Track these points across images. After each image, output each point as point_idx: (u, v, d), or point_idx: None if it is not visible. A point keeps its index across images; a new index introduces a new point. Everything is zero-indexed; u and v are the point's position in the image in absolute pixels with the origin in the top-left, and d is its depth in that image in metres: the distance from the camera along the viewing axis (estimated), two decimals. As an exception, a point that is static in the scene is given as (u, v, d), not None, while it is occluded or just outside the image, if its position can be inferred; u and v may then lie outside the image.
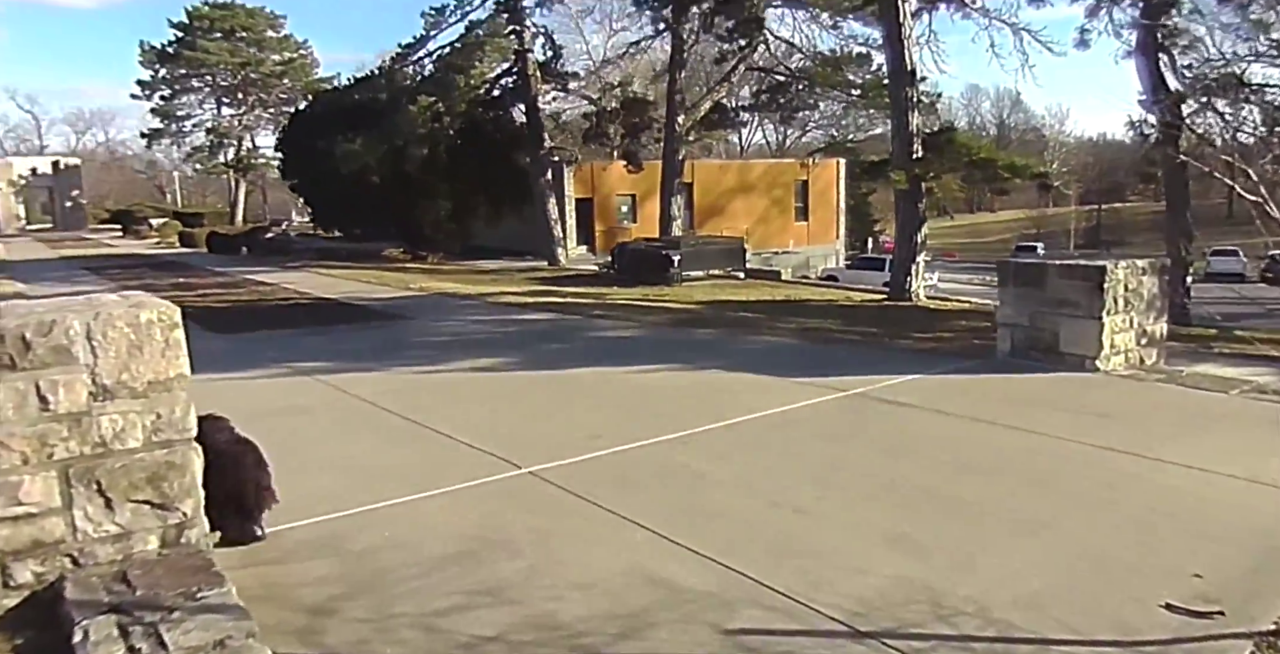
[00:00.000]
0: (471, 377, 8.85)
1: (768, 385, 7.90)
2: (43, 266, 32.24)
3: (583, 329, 12.37)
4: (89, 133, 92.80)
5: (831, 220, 45.66)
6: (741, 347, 10.40)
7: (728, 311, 14.81)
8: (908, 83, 18.20)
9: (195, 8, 54.77)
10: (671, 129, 25.91)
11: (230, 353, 11.12)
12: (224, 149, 59.93)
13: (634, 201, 37.53)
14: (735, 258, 24.07)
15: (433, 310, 15.35)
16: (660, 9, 23.80)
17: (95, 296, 3.82)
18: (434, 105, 24.75)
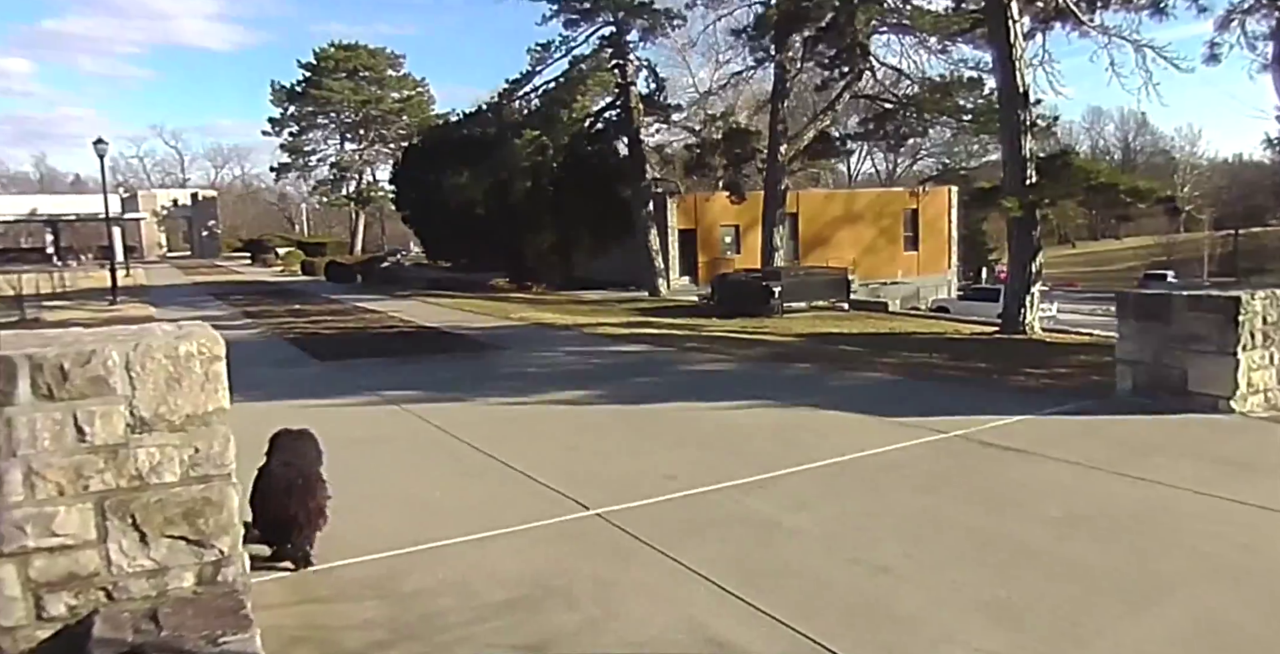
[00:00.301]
0: (554, 410, 8.67)
1: (860, 425, 7.44)
2: (175, 291, 34.17)
3: (674, 362, 12.11)
4: (226, 167, 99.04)
5: (943, 250, 44.23)
6: (837, 383, 9.92)
7: (827, 345, 14.29)
8: (1020, 106, 17.40)
9: (322, 49, 57.81)
10: (774, 159, 25.57)
11: (327, 379, 11.34)
12: (346, 182, 62.66)
13: (737, 232, 37.20)
14: (839, 289, 23.44)
15: (528, 341, 15.37)
16: (760, 38, 23.60)
17: (149, 327, 3.78)
18: (538, 139, 25.17)
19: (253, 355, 14.21)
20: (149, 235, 73.82)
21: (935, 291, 41.39)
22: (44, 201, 69.45)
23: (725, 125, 27.82)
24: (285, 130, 61.34)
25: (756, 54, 24.26)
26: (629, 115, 27.58)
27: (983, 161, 55.63)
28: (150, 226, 73.65)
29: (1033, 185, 16.91)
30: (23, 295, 22.66)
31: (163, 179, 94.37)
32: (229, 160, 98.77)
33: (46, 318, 22.27)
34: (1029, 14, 18.89)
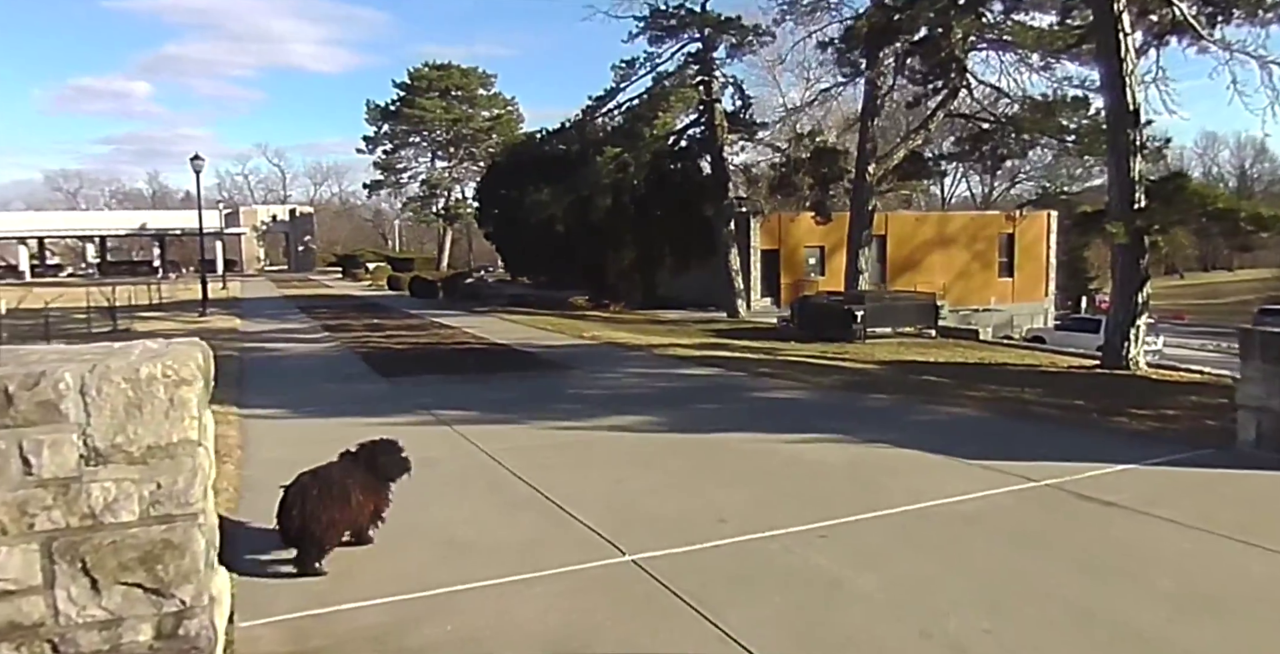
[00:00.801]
0: (608, 436, 8.18)
1: (940, 468, 6.71)
2: (264, 304, 35.03)
3: (743, 388, 11.49)
4: (325, 184, 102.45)
5: (1040, 276, 42.37)
6: (917, 418, 9.15)
7: (910, 374, 13.46)
8: (1130, 125, 16.28)
9: (416, 69, 59.12)
10: (861, 179, 24.73)
11: (388, 396, 11.11)
12: (435, 199, 63.80)
13: (822, 254, 36.28)
14: (926, 315, 22.40)
15: (597, 361, 14.96)
16: (849, 53, 22.85)
17: (131, 344, 3.43)
18: (620, 155, 24.88)
19: (322, 370, 14.21)
20: (248, 249, 76.61)
21: (1030, 320, 39.62)
22: (153, 217, 72.88)
23: (812, 144, 27.07)
24: (379, 148, 62.88)
25: (845, 69, 23.49)
26: (713, 133, 27.10)
27: (1085, 186, 53.39)
28: (250, 241, 76.45)
29: (1141, 210, 15.76)
30: (115, 307, 23.29)
31: (265, 195, 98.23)
32: (328, 177, 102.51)
33: (136, 328, 22.91)
34: (1141, 28, 17.74)
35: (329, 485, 4.65)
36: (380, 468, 4.96)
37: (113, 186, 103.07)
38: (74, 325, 23.73)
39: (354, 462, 4.95)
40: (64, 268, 77.12)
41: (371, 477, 4.91)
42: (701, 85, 26.43)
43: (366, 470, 4.91)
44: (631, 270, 30.53)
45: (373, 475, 4.92)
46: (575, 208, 26.53)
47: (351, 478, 4.78)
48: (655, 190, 28.31)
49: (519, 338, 19.12)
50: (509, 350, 16.84)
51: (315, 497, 4.58)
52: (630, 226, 28.78)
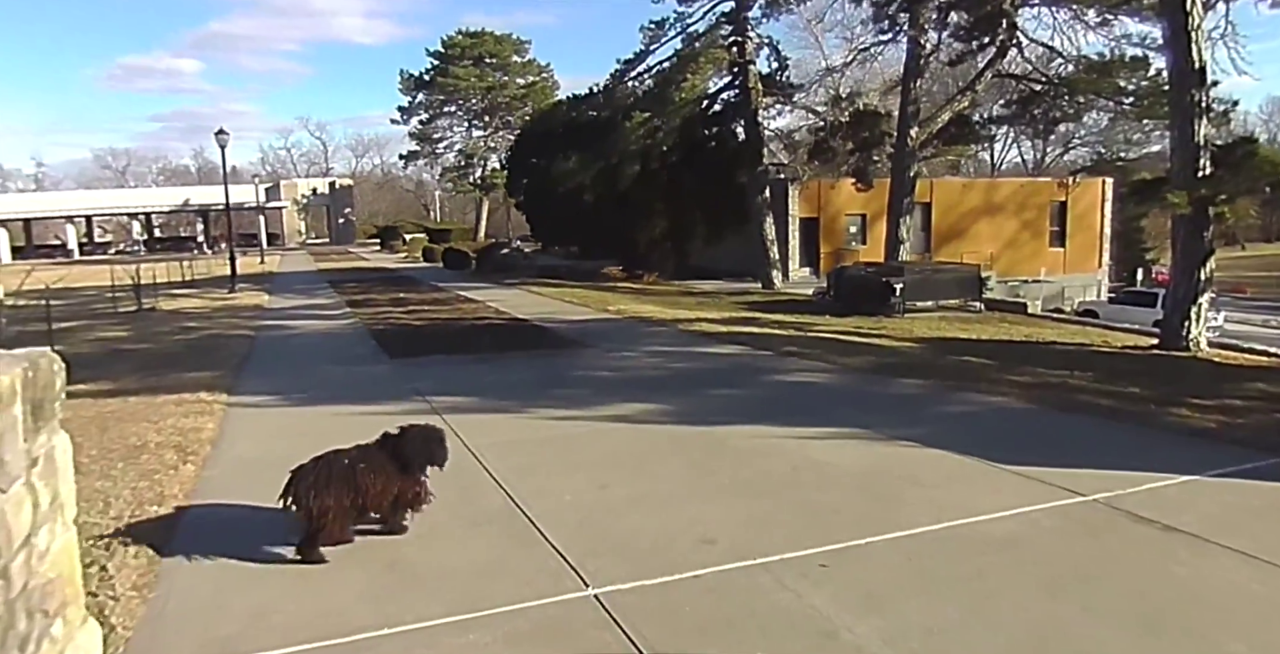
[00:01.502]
0: (608, 429, 7.46)
1: (972, 475, 5.88)
2: (297, 278, 34.85)
3: (766, 370, 10.69)
4: (366, 156, 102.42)
5: (1093, 247, 40.63)
6: (950, 408, 8.28)
7: (948, 354, 12.53)
8: (1195, 85, 14.97)
9: (450, 37, 58.32)
10: (903, 143, 23.51)
11: (387, 380, 10.53)
12: (472, 169, 63.24)
13: (864, 222, 35.02)
14: (970, 287, 21.27)
15: (616, 337, 14.25)
16: (886, 6, 21.51)
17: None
18: (648, 121, 23.90)
19: (329, 351, 13.70)
20: (289, 223, 76.95)
21: (1082, 292, 38.03)
22: (196, 193, 73.30)
23: (852, 106, 25.83)
24: (414, 118, 62.38)
25: (880, 22, 22.11)
26: (747, 96, 25.96)
27: (1143, 152, 50.95)
28: (291, 214, 76.74)
29: (1206, 178, 14.51)
30: (140, 285, 23.05)
31: (308, 169, 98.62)
32: (369, 149, 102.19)
33: (162, 307, 22.69)
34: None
35: (330, 469, 4.59)
36: (403, 455, 4.82)
37: (160, 164, 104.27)
38: (103, 305, 23.62)
39: (379, 446, 4.88)
40: (112, 245, 78.32)
41: (393, 462, 4.77)
42: (734, 46, 25.25)
43: (390, 456, 4.79)
44: (664, 240, 29.65)
45: (395, 461, 4.79)
46: (603, 176, 25.67)
47: (365, 463, 4.68)
48: (688, 157, 27.32)
49: (541, 312, 18.47)
50: (527, 326, 16.20)
51: (313, 481, 4.53)
52: (662, 195, 27.87)
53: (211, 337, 16.11)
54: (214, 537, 5.05)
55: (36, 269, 37.50)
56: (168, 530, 5.18)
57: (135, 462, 6.86)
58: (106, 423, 8.53)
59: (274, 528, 5.05)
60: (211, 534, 5.10)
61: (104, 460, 6.98)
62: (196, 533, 5.14)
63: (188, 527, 5.27)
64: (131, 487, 6.15)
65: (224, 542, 4.95)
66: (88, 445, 7.55)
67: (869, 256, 31.36)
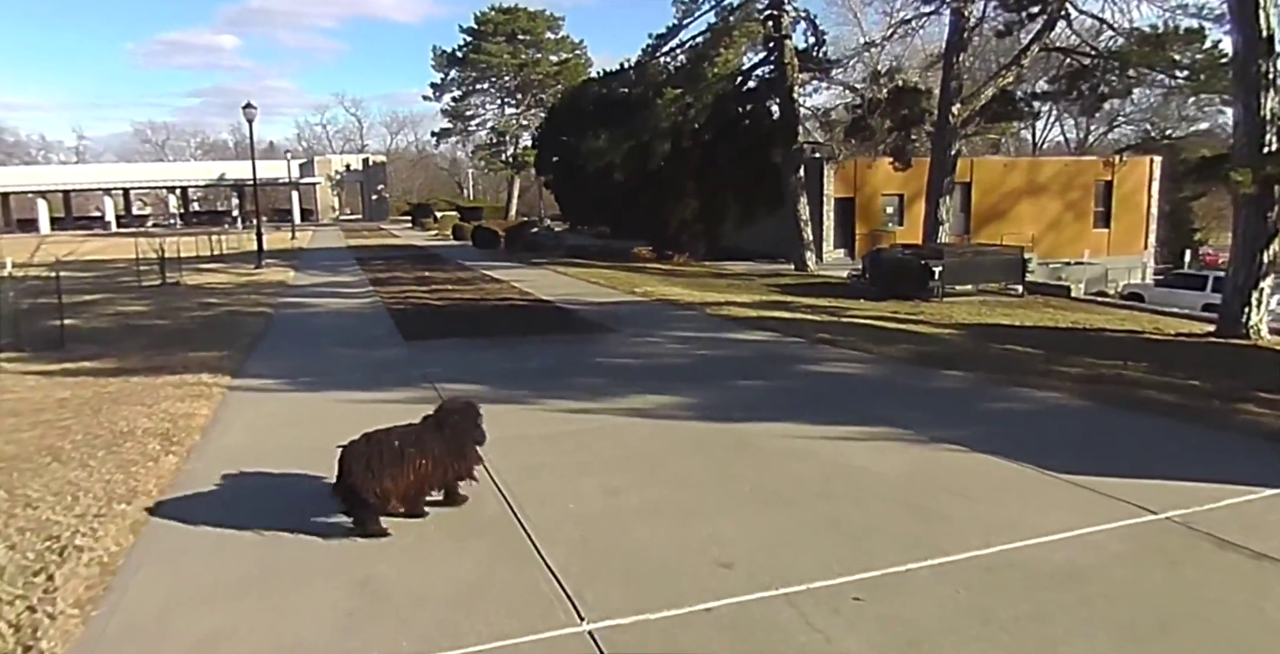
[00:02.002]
0: (624, 424, 6.90)
1: (1024, 485, 5.25)
2: (326, 255, 34.64)
3: (796, 359, 10.06)
4: (401, 133, 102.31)
5: (1139, 228, 39.30)
6: (996, 405, 7.61)
7: (991, 343, 11.81)
8: (1261, 55, 14.01)
9: (482, 13, 57.53)
10: (944, 120, 22.56)
11: (398, 364, 10.07)
12: (504, 147, 62.61)
13: (901, 202, 34.03)
14: (1012, 270, 20.41)
15: (641, 321, 13.68)
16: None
17: None
18: (680, 98, 23.12)
19: (345, 331, 13.29)
20: (323, 199, 77.14)
21: (1127, 275, 36.76)
22: (231, 167, 73.53)
23: (891, 82, 24.84)
24: (447, 95, 61.83)
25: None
26: (782, 72, 25.06)
27: (1191, 129, 49.16)
28: (324, 190, 76.89)
29: (1273, 154, 13.58)
30: (165, 258, 22.84)
31: (343, 145, 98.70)
32: (404, 127, 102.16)
33: (186, 282, 22.50)
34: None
35: (382, 450, 4.60)
36: (448, 435, 4.85)
37: (198, 138, 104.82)
38: (130, 278, 23.48)
39: (425, 427, 4.91)
40: (149, 218, 79.08)
41: (440, 443, 4.80)
42: (770, 20, 24.32)
43: (436, 436, 4.82)
44: (695, 220, 28.92)
45: (442, 442, 4.81)
46: (634, 154, 24.94)
47: (415, 446, 4.69)
48: (720, 135, 26.52)
49: (566, 294, 17.95)
50: (550, 308, 15.68)
51: (367, 464, 4.53)
52: (693, 174, 27.12)
53: (229, 313, 15.80)
54: (176, 544, 4.60)
55: (56, 241, 37.72)
56: (130, 533, 4.73)
57: (117, 450, 6.44)
58: (101, 405, 8.16)
59: (239, 537, 4.59)
60: (174, 541, 4.64)
61: (87, 447, 6.58)
62: (159, 538, 4.69)
63: (152, 530, 4.81)
64: (106, 480, 5.72)
65: (185, 551, 4.49)
66: (75, 430, 7.18)
67: (906, 238, 30.44)
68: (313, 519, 4.77)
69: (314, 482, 5.38)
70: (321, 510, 4.79)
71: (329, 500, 4.71)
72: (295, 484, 5.46)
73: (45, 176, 71.39)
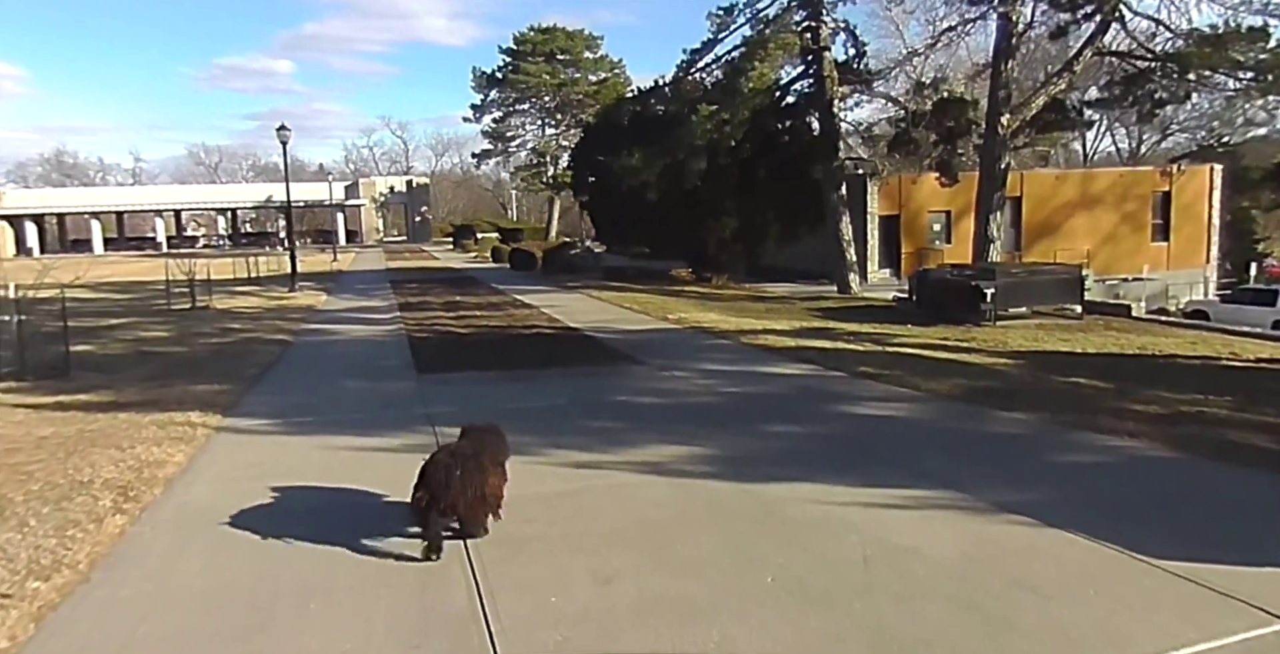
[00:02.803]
0: (634, 483, 6.05)
1: (1113, 575, 4.25)
2: (362, 278, 34.40)
3: (835, 397, 9.11)
4: (446, 155, 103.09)
5: (1200, 240, 37.61)
6: (1067, 457, 6.59)
7: (1052, 374, 10.75)
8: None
9: (521, 34, 57.48)
10: (993, 132, 21.45)
11: (403, 401, 9.36)
12: (545, 167, 62.37)
13: (948, 219, 32.83)
14: (1070, 291, 19.17)
15: (671, 351, 12.83)
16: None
17: None
18: (716, 114, 22.31)
19: (359, 361, 12.65)
20: (367, 220, 77.70)
21: (1188, 290, 35.07)
22: (279, 189, 74.33)
23: (936, 94, 23.79)
24: (487, 117, 61.79)
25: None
26: (821, 86, 24.15)
27: (1249, 135, 47.07)
28: (369, 212, 77.44)
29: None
30: (195, 282, 22.56)
31: (389, 167, 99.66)
32: (449, 148, 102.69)
33: (215, 306, 22.19)
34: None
35: (465, 465, 4.72)
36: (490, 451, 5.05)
37: (250, 161, 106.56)
38: (163, 301, 23.22)
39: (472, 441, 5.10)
40: (199, 239, 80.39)
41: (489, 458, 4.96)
42: (808, 32, 23.45)
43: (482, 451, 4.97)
44: (734, 240, 28.01)
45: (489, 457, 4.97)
46: (670, 172, 24.16)
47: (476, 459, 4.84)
48: (759, 152, 25.65)
49: (596, 320, 17.17)
50: (577, 337, 14.91)
51: (455, 481, 4.62)
52: (732, 192, 26.27)
53: (247, 341, 15.29)
54: (78, 642, 3.84)
55: (109, 261, 38.00)
56: (31, 622, 4.01)
57: (66, 506, 5.78)
58: (77, 446, 7.54)
59: (154, 640, 3.81)
60: (79, 637, 3.88)
61: (37, 500, 5.95)
62: (62, 633, 3.94)
63: (58, 622, 4.06)
64: (36, 545, 5.04)
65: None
66: (37, 476, 6.57)
67: (954, 256, 29.25)
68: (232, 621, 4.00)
69: (262, 563, 4.62)
70: (249, 606, 4.01)
71: (261, 593, 3.93)
72: (242, 565, 4.70)
73: (98, 198, 72.96)
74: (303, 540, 5.00)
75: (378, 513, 5.52)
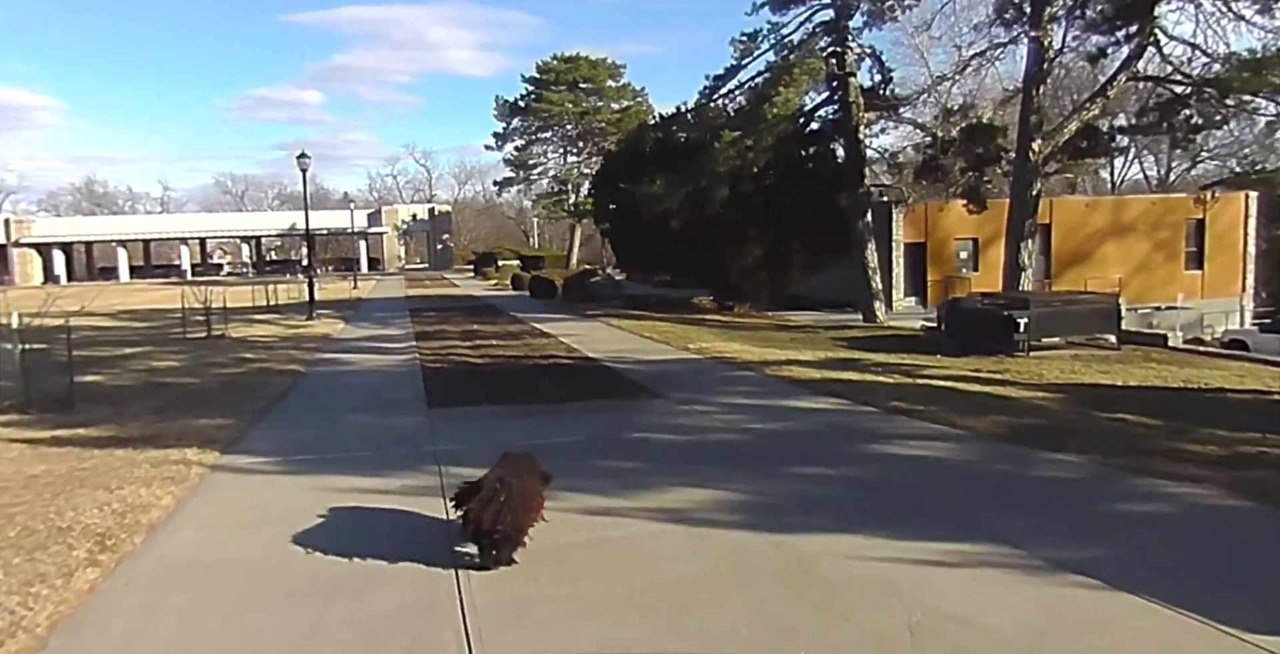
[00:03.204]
0: (652, 533, 5.54)
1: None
2: (381, 305, 34.21)
3: (868, 436, 8.55)
4: (468, 183, 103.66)
5: (1235, 268, 36.74)
6: (1127, 507, 6.01)
7: (1097, 410, 10.13)
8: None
9: (544, 62, 57.70)
10: (1024, 158, 20.91)
11: (410, 438, 8.94)
12: (566, 195, 62.33)
13: (975, 247, 32.24)
14: (1106, 321, 18.51)
15: (692, 384, 12.33)
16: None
17: None
18: (739, 140, 21.95)
19: (370, 394, 12.22)
20: (389, 248, 78.04)
21: (1224, 320, 34.19)
22: (302, 217, 74.98)
23: (964, 120, 23.32)
24: (509, 145, 61.96)
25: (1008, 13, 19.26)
26: (847, 112, 23.76)
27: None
28: (391, 240, 77.79)
29: None
30: (211, 310, 22.36)
31: (413, 195, 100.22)
32: (471, 176, 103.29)
33: (231, 334, 21.94)
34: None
35: (510, 490, 4.86)
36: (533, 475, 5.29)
37: (275, 189, 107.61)
38: (181, 329, 23.01)
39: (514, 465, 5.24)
40: (224, 267, 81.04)
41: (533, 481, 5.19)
42: (833, 57, 23.10)
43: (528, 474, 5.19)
44: (757, 268, 27.51)
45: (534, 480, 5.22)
46: (693, 200, 23.78)
47: (522, 482, 5.01)
48: (783, 179, 25.24)
49: (616, 350, 16.71)
50: (596, 368, 14.45)
51: (505, 500, 4.79)
52: (755, 220, 25.83)
53: (259, 372, 14.94)
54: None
55: (134, 288, 38.08)
56: None
57: (39, 556, 5.36)
58: (65, 486, 7.15)
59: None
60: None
61: (11, 548, 5.56)
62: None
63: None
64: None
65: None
66: (18, 521, 6.19)
67: (981, 285, 28.62)
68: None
69: (237, 628, 4.16)
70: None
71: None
72: (215, 630, 4.23)
73: (125, 226, 73.85)
74: (283, 600, 4.54)
75: (370, 569, 5.03)
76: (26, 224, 70.27)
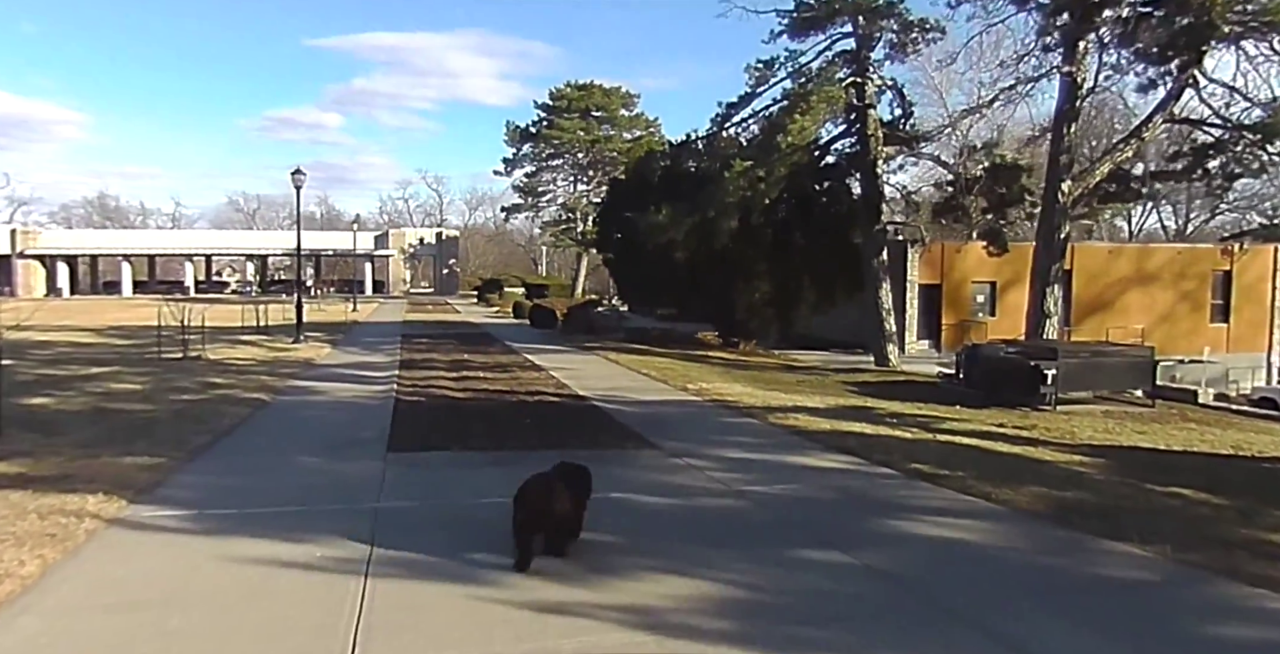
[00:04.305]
0: (610, 648, 4.29)
1: None
2: (375, 329, 33.09)
3: (887, 508, 7.27)
4: (479, 209, 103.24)
5: (1263, 323, 35.60)
6: (1220, 628, 4.66)
7: (1147, 482, 8.83)
8: None
9: (557, 89, 57.26)
10: (1053, 200, 19.77)
11: (350, 489, 7.72)
12: (574, 224, 61.53)
13: (993, 291, 31.09)
14: (1140, 376, 17.24)
15: (688, 431, 11.10)
16: (1057, 14, 17.66)
17: None
18: (750, 171, 20.90)
19: (328, 431, 10.99)
20: (395, 271, 77.29)
21: (1250, 376, 32.94)
22: (309, 237, 74.28)
23: (988, 158, 22.24)
24: (519, 171, 61.35)
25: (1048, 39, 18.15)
26: (865, 145, 22.74)
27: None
28: (397, 263, 77.07)
29: None
30: (188, 328, 21.24)
31: (424, 219, 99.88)
32: (482, 202, 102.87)
33: (209, 356, 20.80)
34: None
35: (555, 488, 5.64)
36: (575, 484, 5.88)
37: (287, 209, 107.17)
38: (159, 349, 21.86)
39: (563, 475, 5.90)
40: (229, 284, 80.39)
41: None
42: (852, 87, 22.12)
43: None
44: (766, 304, 26.36)
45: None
46: (700, 231, 22.71)
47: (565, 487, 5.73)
48: (795, 213, 24.21)
49: (609, 388, 15.51)
50: (583, 408, 13.24)
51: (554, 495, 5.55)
52: (765, 254, 24.77)
53: (220, 399, 13.71)
54: None
55: (137, 303, 37.01)
56: None
57: None
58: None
59: None
60: None
61: None
62: None
63: None
64: None
65: None
66: None
67: (998, 330, 27.45)
68: None
69: None
70: None
71: None
72: None
73: (131, 240, 73.45)
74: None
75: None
76: (33, 235, 69.76)
